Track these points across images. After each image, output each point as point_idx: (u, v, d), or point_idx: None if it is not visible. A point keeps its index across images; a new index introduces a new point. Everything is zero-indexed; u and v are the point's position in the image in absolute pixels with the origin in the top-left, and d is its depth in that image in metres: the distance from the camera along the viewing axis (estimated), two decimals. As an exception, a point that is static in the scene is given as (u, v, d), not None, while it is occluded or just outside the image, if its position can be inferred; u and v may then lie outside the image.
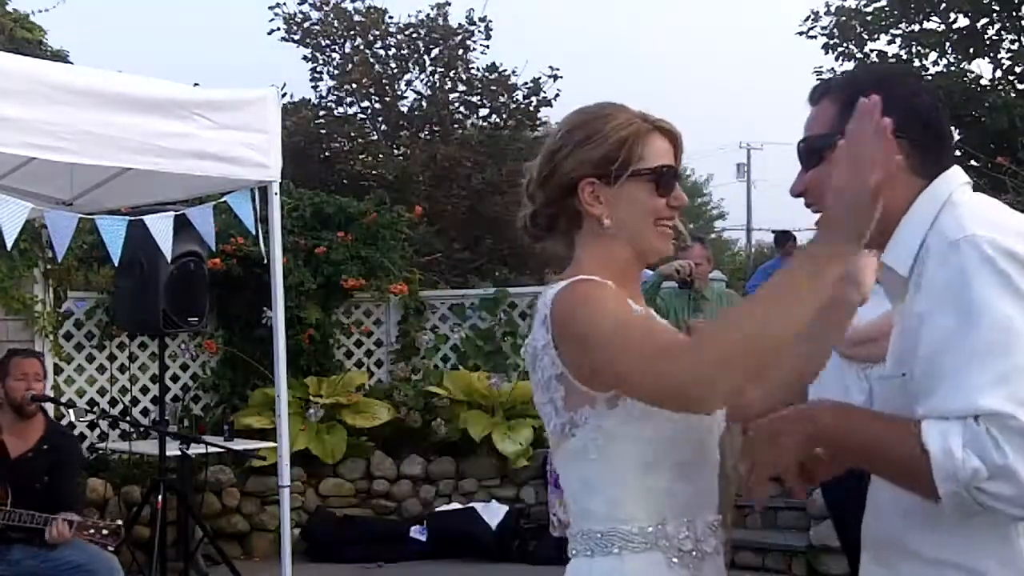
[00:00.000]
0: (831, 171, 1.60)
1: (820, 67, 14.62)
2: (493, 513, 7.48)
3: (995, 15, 13.44)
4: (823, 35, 14.32)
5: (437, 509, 7.74)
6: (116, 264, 4.99)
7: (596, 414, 1.72)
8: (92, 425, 7.38)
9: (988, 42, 13.61)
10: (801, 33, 14.50)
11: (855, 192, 1.54)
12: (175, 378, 8.03)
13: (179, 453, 5.97)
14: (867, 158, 1.53)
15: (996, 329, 1.53)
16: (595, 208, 1.82)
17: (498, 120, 15.64)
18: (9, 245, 4.11)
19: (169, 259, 4.94)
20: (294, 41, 15.85)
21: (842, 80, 1.79)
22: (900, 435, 1.56)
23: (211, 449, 5.93)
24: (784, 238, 12.04)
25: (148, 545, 5.94)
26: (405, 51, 15.60)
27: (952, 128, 1.73)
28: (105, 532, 4.83)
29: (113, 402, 7.74)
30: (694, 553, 1.74)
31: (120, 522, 4.99)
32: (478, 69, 15.46)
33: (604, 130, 1.82)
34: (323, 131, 15.13)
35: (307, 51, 15.90)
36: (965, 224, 1.61)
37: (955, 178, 1.72)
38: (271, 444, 6.25)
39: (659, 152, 1.83)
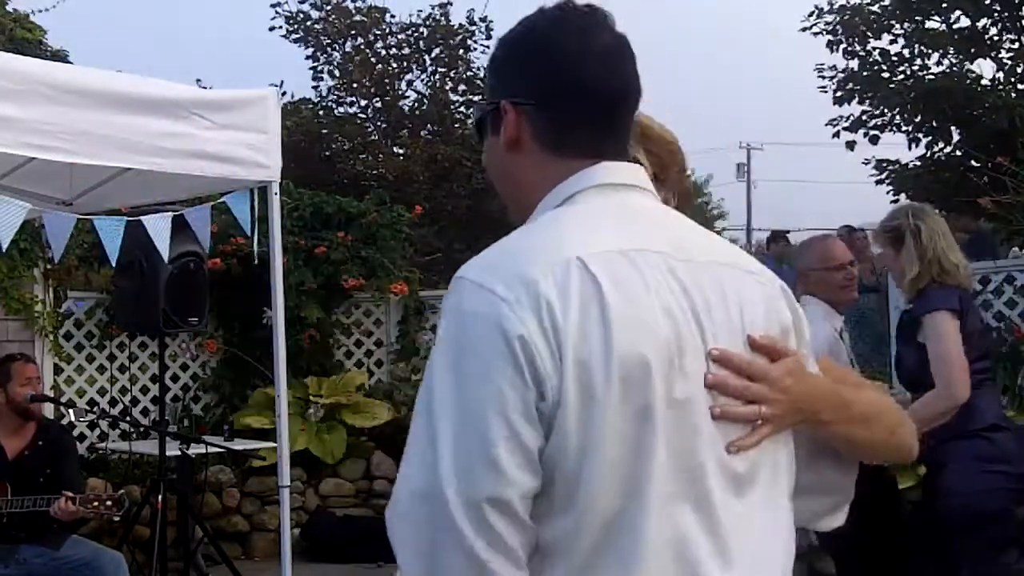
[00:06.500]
0: None
1: (822, 64, 14.59)
2: (493, 513, 7.46)
3: (996, 15, 13.43)
4: (827, 32, 14.29)
5: (437, 509, 7.73)
6: (114, 264, 4.99)
7: None
8: (92, 425, 7.38)
9: (989, 42, 13.59)
10: (805, 29, 14.48)
11: None
12: (175, 378, 8.03)
13: (179, 453, 5.97)
14: None
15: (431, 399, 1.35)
16: None
17: (498, 120, 15.63)
18: (4, 247, 4.10)
19: (166, 259, 4.92)
20: (295, 40, 15.85)
21: None
22: None
23: (211, 449, 5.93)
24: (774, 238, 12.05)
25: (148, 545, 5.93)
26: (406, 51, 15.59)
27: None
28: (109, 503, 4.86)
29: (113, 402, 7.74)
30: None
31: (123, 491, 5.01)
32: (479, 69, 15.45)
33: None
34: (323, 131, 15.11)
35: (308, 50, 15.89)
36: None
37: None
38: (271, 444, 6.25)
39: None
